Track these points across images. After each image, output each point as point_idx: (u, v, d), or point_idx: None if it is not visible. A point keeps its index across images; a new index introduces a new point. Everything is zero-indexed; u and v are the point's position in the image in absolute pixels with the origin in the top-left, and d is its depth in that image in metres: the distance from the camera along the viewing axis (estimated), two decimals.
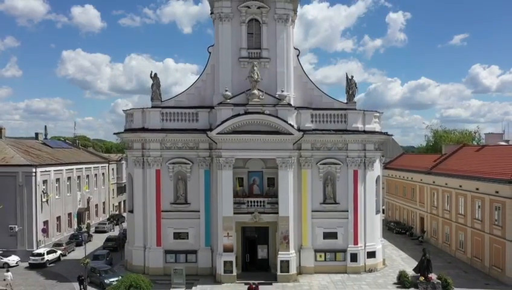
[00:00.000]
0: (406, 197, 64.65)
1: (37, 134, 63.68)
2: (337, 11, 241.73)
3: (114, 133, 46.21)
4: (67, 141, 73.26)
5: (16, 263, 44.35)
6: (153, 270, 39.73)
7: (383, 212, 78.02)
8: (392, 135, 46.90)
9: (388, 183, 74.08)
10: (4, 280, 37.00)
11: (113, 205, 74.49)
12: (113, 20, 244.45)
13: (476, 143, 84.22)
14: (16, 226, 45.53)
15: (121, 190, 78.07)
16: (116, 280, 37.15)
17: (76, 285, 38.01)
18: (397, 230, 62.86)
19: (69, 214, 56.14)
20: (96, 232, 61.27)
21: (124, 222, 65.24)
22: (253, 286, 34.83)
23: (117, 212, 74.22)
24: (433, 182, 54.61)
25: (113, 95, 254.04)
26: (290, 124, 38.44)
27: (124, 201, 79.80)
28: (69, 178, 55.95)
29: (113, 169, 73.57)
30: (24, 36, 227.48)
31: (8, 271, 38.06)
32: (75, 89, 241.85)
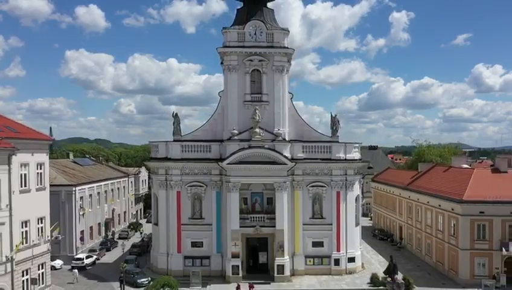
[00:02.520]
0: (389, 207, 74.03)
1: (68, 153, 73.24)
2: (341, 11, 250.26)
3: (143, 161, 55.73)
4: (91, 157, 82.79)
5: (60, 266, 53.82)
6: (174, 272, 49.00)
7: (371, 219, 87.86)
8: (368, 162, 56.47)
9: (375, 195, 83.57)
10: (73, 274, 48.83)
11: (132, 213, 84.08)
12: (117, 20, 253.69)
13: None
14: (60, 235, 54.94)
15: (138, 200, 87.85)
16: (146, 280, 46.95)
17: (114, 284, 47.62)
18: (380, 237, 72.22)
19: (99, 224, 65.86)
20: (120, 238, 70.74)
21: (141, 229, 74.96)
22: (239, 285, 44.39)
23: (135, 220, 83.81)
24: (409, 196, 64.00)
25: (115, 94, 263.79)
26: (284, 156, 48.01)
27: (141, 209, 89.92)
28: (98, 193, 65.56)
29: (131, 182, 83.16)
30: (28, 36, 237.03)
31: (74, 269, 49.67)
32: (78, 88, 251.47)
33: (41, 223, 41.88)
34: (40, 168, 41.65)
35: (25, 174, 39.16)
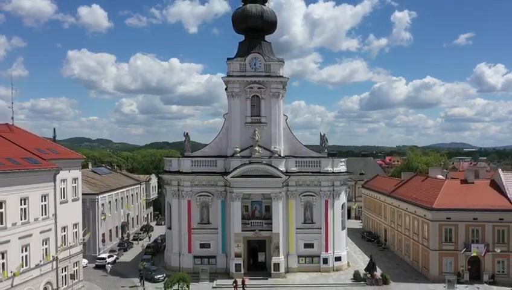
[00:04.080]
0: (376, 212, 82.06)
1: (87, 163, 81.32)
2: (343, 11, 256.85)
3: (158, 174, 63.75)
4: (107, 166, 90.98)
5: (85, 264, 61.81)
6: (186, 269, 56.54)
7: (362, 222, 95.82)
8: (352, 173, 64.56)
9: (365, 200, 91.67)
10: (107, 269, 57.98)
11: (143, 217, 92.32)
12: (120, 20, 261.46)
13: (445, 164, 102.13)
14: (85, 237, 63.09)
15: (148, 204, 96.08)
16: (162, 276, 54.90)
17: (134, 280, 55.72)
18: (368, 238, 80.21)
19: (116, 227, 74.09)
20: (134, 239, 78.93)
21: (149, 234, 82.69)
22: (240, 280, 52.48)
23: (146, 223, 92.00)
24: (392, 203, 71.99)
25: (117, 94, 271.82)
26: (280, 170, 56.11)
27: (151, 213, 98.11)
28: (116, 200, 73.80)
29: (143, 188, 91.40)
30: (31, 36, 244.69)
31: (108, 264, 58.96)
32: (80, 88, 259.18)
33: (76, 228, 50.12)
34: (75, 183, 49.84)
35: (63, 188, 47.31)
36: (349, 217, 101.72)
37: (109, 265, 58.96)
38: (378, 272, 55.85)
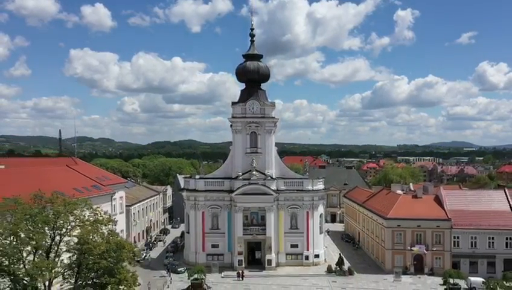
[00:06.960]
0: (353, 218, 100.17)
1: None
2: (346, 10, 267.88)
3: (179, 190, 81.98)
4: (131, 180, 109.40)
5: None
6: (200, 264, 74.08)
7: (343, 225, 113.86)
8: (329, 188, 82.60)
9: (346, 207, 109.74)
10: (147, 257, 76.35)
11: (161, 221, 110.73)
12: (123, 19, 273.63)
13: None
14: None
15: (165, 210, 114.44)
16: (183, 269, 72.88)
17: (162, 271, 73.85)
18: (346, 240, 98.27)
19: (143, 230, 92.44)
20: (155, 240, 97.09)
21: (164, 239, 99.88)
22: (242, 272, 70.32)
23: (163, 227, 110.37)
24: (363, 211, 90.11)
25: (120, 93, 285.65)
26: (272, 189, 74.29)
27: (167, 218, 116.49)
28: (142, 209, 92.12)
29: (161, 198, 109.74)
30: (33, 36, 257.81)
31: (149, 255, 77.09)
32: (82, 87, 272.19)
33: (122, 233, 68.42)
34: (121, 200, 68.20)
35: (114, 205, 65.61)
36: (334, 221, 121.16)
37: (149, 254, 78.53)
38: (346, 266, 74.01)
